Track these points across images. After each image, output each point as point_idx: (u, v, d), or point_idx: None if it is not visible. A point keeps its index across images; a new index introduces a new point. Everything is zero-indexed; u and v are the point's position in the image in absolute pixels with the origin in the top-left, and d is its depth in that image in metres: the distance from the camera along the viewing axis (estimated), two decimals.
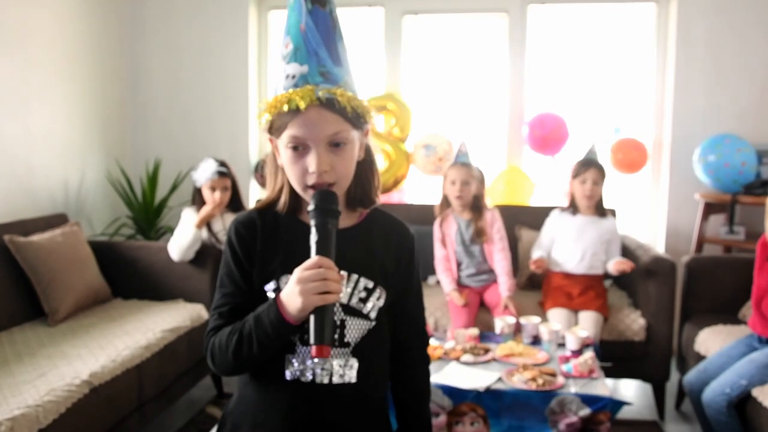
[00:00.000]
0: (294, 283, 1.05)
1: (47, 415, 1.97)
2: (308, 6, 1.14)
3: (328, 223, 1.09)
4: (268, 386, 1.20)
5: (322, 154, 1.11)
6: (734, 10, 3.75)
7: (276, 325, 1.08)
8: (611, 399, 2.09)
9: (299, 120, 1.10)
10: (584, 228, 3.19)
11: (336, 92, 1.11)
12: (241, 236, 1.20)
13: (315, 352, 1.04)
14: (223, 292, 1.21)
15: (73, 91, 3.72)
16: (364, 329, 1.20)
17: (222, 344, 1.14)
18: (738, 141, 3.46)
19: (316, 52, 1.12)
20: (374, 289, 1.20)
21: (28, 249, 2.84)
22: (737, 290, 3.03)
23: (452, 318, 3.08)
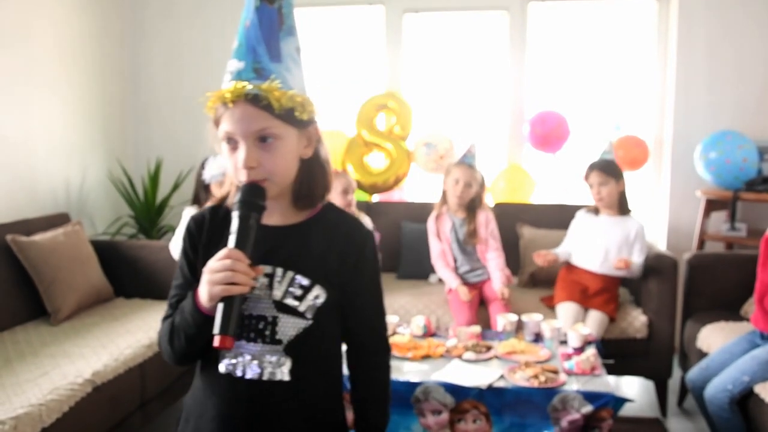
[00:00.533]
0: (203, 273, 1.08)
1: (50, 413, 1.97)
2: (256, 3, 1.16)
3: (249, 217, 1.10)
4: (208, 378, 1.22)
5: (249, 149, 1.12)
6: (735, 7, 3.74)
7: (193, 314, 1.12)
8: (613, 396, 2.09)
9: (228, 115, 1.12)
10: (608, 228, 3.15)
11: (264, 88, 1.11)
12: (191, 231, 1.25)
13: (217, 342, 1.04)
14: (174, 283, 1.26)
15: (74, 91, 3.73)
16: (299, 328, 1.18)
17: (164, 333, 1.21)
18: (739, 137, 3.45)
19: (255, 49, 1.13)
20: (311, 287, 1.18)
21: (31, 248, 2.85)
22: (739, 287, 3.02)
23: (454, 315, 3.08)
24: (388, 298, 3.25)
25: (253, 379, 1.17)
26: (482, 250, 3.26)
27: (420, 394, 2.15)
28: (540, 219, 3.67)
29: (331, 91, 4.34)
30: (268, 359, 1.17)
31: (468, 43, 4.21)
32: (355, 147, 3.97)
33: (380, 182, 3.92)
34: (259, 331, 1.17)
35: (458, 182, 3.22)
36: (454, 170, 3.25)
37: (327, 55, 4.31)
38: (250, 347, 1.17)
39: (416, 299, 3.24)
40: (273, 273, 1.17)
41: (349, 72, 4.31)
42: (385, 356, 1.33)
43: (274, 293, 1.17)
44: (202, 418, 1.21)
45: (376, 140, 3.93)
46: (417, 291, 3.36)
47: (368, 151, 3.98)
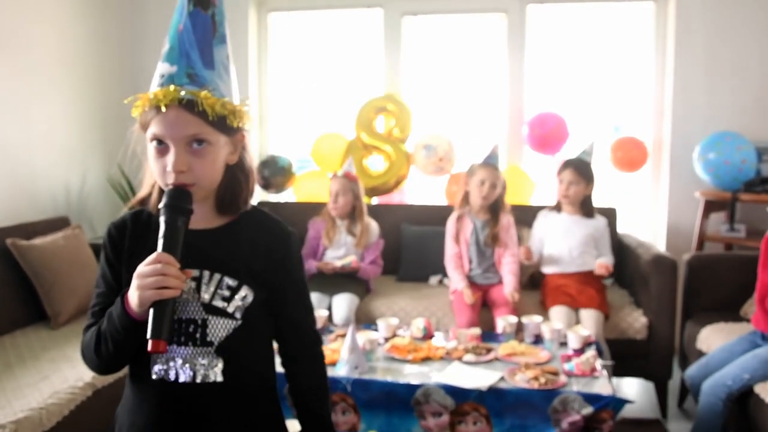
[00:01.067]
0: (134, 278, 1.08)
1: (51, 417, 1.98)
2: (189, 8, 1.17)
3: (177, 221, 1.11)
4: (140, 385, 1.21)
5: (180, 154, 1.12)
6: (732, 9, 3.75)
7: (122, 320, 1.11)
8: (614, 397, 2.09)
9: (160, 118, 1.12)
10: (570, 227, 3.23)
11: (199, 95, 1.12)
12: (112, 237, 1.24)
13: (151, 346, 1.04)
14: (96, 292, 1.24)
15: (73, 95, 3.73)
16: (230, 328, 1.20)
17: (87, 342, 1.19)
18: (738, 138, 3.46)
19: (188, 54, 1.14)
20: (239, 288, 1.20)
21: (31, 252, 2.85)
22: (739, 288, 3.03)
23: (456, 315, 3.08)
24: (387, 300, 3.27)
25: (186, 383, 1.18)
26: (500, 253, 3.26)
27: (420, 396, 2.16)
28: None
29: (331, 94, 4.34)
30: (200, 361, 1.18)
31: (467, 45, 4.22)
32: (355, 150, 3.97)
33: (380, 185, 3.92)
34: (190, 334, 1.18)
35: (484, 183, 3.21)
36: (480, 171, 3.23)
37: (326, 58, 4.31)
38: (181, 350, 1.18)
39: (416, 301, 3.24)
40: (200, 276, 1.18)
41: (348, 75, 4.31)
42: (319, 347, 1.36)
43: (202, 296, 1.18)
44: (134, 426, 1.21)
45: (376, 143, 3.94)
46: (417, 293, 3.37)
47: (367, 153, 3.99)
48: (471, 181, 3.26)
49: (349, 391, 2.20)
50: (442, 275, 3.51)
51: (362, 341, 2.38)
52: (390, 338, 2.61)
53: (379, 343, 2.54)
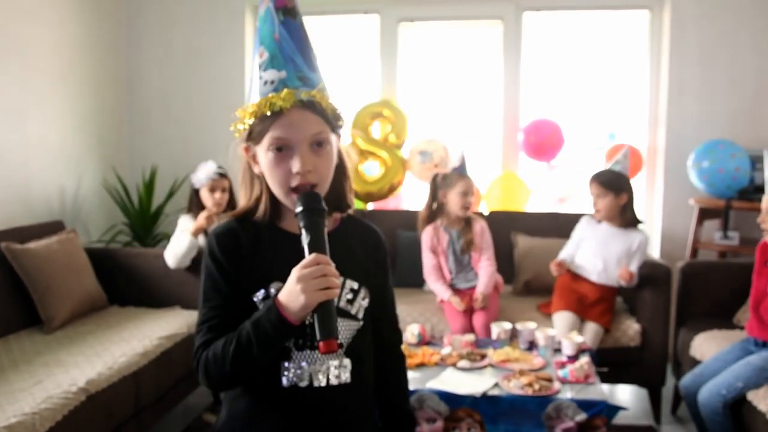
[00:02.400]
0: (294, 282, 1.06)
1: (44, 422, 1.96)
2: (280, 17, 1.18)
3: (318, 222, 1.11)
4: (263, 397, 1.20)
5: (305, 154, 1.14)
6: (726, 17, 3.78)
7: (277, 326, 1.08)
8: (607, 404, 2.10)
9: (282, 121, 1.13)
10: (608, 239, 3.14)
11: (316, 95, 1.15)
12: (225, 246, 1.19)
13: (323, 347, 1.04)
14: (209, 305, 1.19)
15: (69, 99, 3.73)
16: (354, 329, 1.23)
17: (218, 356, 1.12)
18: (731, 146, 3.48)
19: (292, 59, 1.16)
20: (359, 290, 1.23)
21: (25, 256, 2.84)
22: (732, 295, 3.04)
23: (449, 322, 3.08)
24: None
25: (318, 387, 1.18)
26: (476, 259, 3.26)
27: (414, 402, 2.16)
28: (535, 227, 3.68)
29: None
30: (331, 364, 1.19)
31: (463, 52, 4.24)
32: None
33: (375, 190, 3.92)
34: None
35: (466, 195, 3.21)
36: (460, 183, 3.21)
37: (322, 63, 4.30)
38: (314, 355, 1.18)
39: (411, 307, 3.24)
40: None
41: (344, 80, 4.32)
42: (405, 362, 1.44)
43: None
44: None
45: (371, 148, 3.94)
46: (412, 299, 3.37)
47: (363, 159, 3.99)
48: (450, 192, 3.23)
49: None
50: None
51: None
52: None
53: None
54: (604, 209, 3.15)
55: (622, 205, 3.15)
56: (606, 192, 3.13)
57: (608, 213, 3.15)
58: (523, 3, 4.09)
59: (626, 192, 3.15)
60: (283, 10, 1.18)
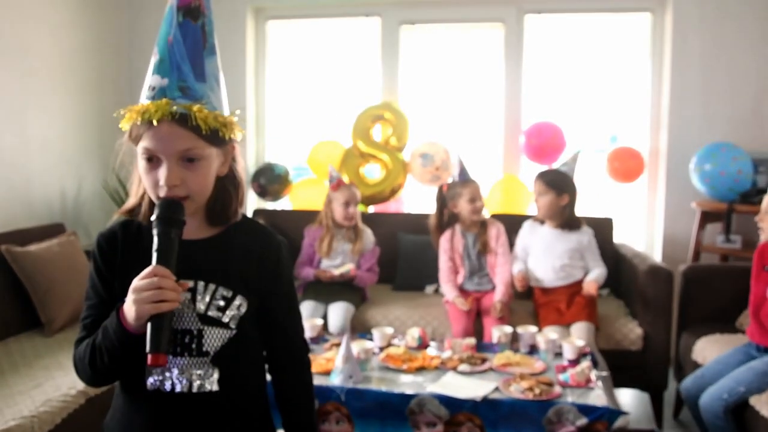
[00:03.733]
0: (130, 292, 1.07)
1: (42, 425, 1.96)
2: (179, 18, 1.14)
3: (171, 233, 1.10)
4: (133, 396, 1.21)
5: (172, 168, 1.12)
6: (729, 20, 3.77)
7: (119, 334, 1.10)
8: (608, 408, 2.09)
9: (151, 133, 1.11)
10: (551, 241, 3.21)
11: (192, 108, 1.11)
12: (102, 249, 1.23)
13: (150, 360, 1.04)
14: (87, 304, 1.23)
15: (70, 101, 3.73)
16: (224, 338, 1.20)
17: (81, 355, 1.18)
18: (734, 149, 3.47)
19: (179, 66, 1.13)
20: (233, 298, 1.21)
21: (25, 259, 2.84)
22: (734, 299, 3.02)
23: (452, 322, 3.09)
24: (383, 309, 3.26)
25: (182, 393, 1.18)
26: (492, 262, 3.26)
27: (415, 406, 2.15)
28: None
29: (328, 102, 4.35)
30: (195, 372, 1.18)
31: (464, 54, 4.23)
32: (351, 158, 3.97)
33: (376, 193, 3.92)
34: (185, 345, 1.18)
35: (474, 200, 3.23)
36: (466, 190, 3.23)
37: (324, 66, 4.32)
38: (177, 361, 1.18)
39: (412, 310, 3.23)
40: (195, 286, 1.19)
41: (345, 83, 4.32)
42: (307, 356, 1.37)
43: (197, 306, 1.18)
44: None
45: (372, 151, 3.94)
46: (413, 302, 3.36)
47: (364, 162, 3.99)
48: (459, 201, 3.26)
49: (344, 400, 2.19)
50: (438, 284, 3.51)
51: (357, 350, 2.37)
52: (385, 347, 2.61)
53: (374, 352, 2.53)
54: (543, 207, 3.22)
55: (563, 206, 3.19)
56: (547, 190, 3.19)
57: (547, 211, 3.21)
58: (524, 6, 4.09)
59: (568, 193, 3.21)
60: (185, 10, 1.14)
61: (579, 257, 3.20)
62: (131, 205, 1.24)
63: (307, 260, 3.42)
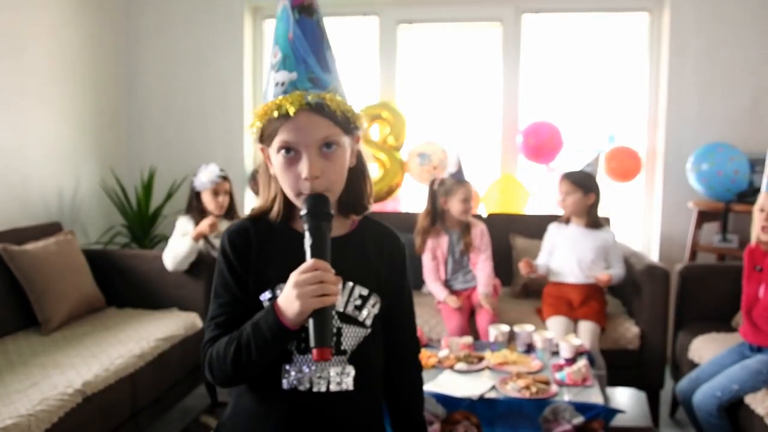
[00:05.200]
0: (291, 287, 1.05)
1: (39, 424, 1.96)
2: (295, 16, 1.15)
3: (322, 227, 1.09)
4: (265, 397, 1.19)
5: (313, 159, 1.11)
6: (726, 20, 3.78)
7: (275, 330, 1.07)
8: (605, 407, 2.09)
9: (289, 125, 1.11)
10: (578, 239, 3.19)
11: (325, 97, 1.12)
12: (236, 246, 1.19)
13: (316, 355, 1.03)
14: (219, 302, 1.19)
15: (68, 99, 3.73)
16: (360, 336, 1.20)
17: (220, 354, 1.13)
18: (731, 149, 3.48)
19: (305, 60, 1.14)
20: (369, 297, 1.21)
21: (22, 257, 2.84)
22: (730, 298, 3.02)
23: (446, 322, 3.09)
24: None
25: (319, 392, 1.17)
26: (475, 261, 3.27)
27: None
28: (533, 230, 3.67)
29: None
30: (333, 370, 1.17)
31: (462, 54, 4.24)
32: None
33: (374, 192, 3.91)
34: None
35: (467, 201, 3.22)
36: (461, 190, 3.22)
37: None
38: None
39: None
40: None
41: (343, 82, 4.31)
42: (421, 371, 1.40)
43: (337, 305, 1.16)
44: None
45: (370, 150, 3.94)
46: None
47: None
48: (451, 199, 3.24)
49: None
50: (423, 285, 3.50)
51: None
52: None
53: None
54: (570, 206, 3.21)
55: (589, 205, 3.20)
56: (575, 189, 3.19)
57: (575, 210, 3.20)
58: (522, 5, 4.09)
59: (594, 193, 3.21)
60: (299, 8, 1.16)
61: (603, 257, 3.18)
62: (262, 207, 1.23)
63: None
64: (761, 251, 2.55)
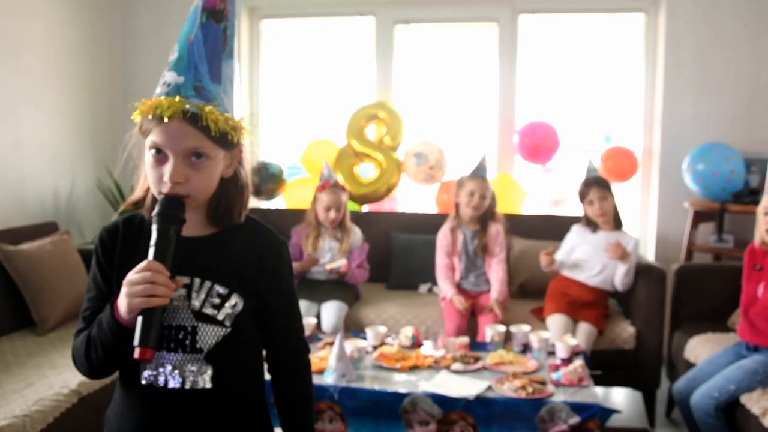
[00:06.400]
0: (123, 285, 1.08)
1: (34, 424, 1.96)
2: (202, 19, 1.16)
3: (170, 230, 1.11)
4: (130, 390, 1.22)
5: (178, 165, 1.12)
6: (722, 20, 3.79)
7: (111, 326, 1.11)
8: (600, 407, 2.10)
9: (161, 128, 1.12)
10: (601, 242, 3.13)
11: (204, 109, 1.12)
12: (104, 242, 1.24)
13: (138, 354, 1.05)
14: (88, 296, 1.24)
15: (63, 99, 3.72)
16: (219, 335, 1.20)
17: (78, 347, 1.19)
18: (726, 149, 3.48)
19: (197, 66, 1.14)
20: (229, 296, 1.21)
21: (18, 257, 2.83)
22: (726, 298, 3.04)
23: (445, 321, 3.08)
24: (376, 308, 3.26)
25: (175, 389, 1.18)
26: (489, 262, 3.27)
27: (408, 404, 2.15)
28: (530, 230, 3.68)
29: (322, 101, 4.35)
30: (189, 368, 1.19)
31: (458, 54, 4.24)
32: (346, 157, 3.97)
33: (370, 192, 3.92)
34: (179, 341, 1.18)
35: (473, 194, 3.22)
36: (469, 183, 3.24)
37: (318, 65, 4.32)
38: (171, 357, 1.18)
39: (405, 309, 3.23)
40: (191, 283, 1.19)
41: (339, 82, 4.32)
42: (306, 356, 1.37)
43: (192, 303, 1.19)
44: (123, 430, 1.22)
45: (367, 150, 3.94)
46: (406, 301, 3.36)
47: (358, 161, 3.99)
48: (460, 192, 3.27)
49: (337, 399, 2.20)
50: (432, 283, 3.52)
51: (350, 349, 2.37)
52: (378, 346, 2.61)
53: (368, 351, 2.54)
54: (610, 210, 3.18)
55: (615, 206, 3.21)
56: (607, 193, 3.18)
57: (610, 214, 3.18)
58: (518, 6, 4.10)
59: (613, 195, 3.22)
60: (209, 11, 1.16)
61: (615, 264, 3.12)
62: (136, 197, 1.26)
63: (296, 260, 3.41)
64: (762, 251, 2.55)
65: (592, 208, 3.19)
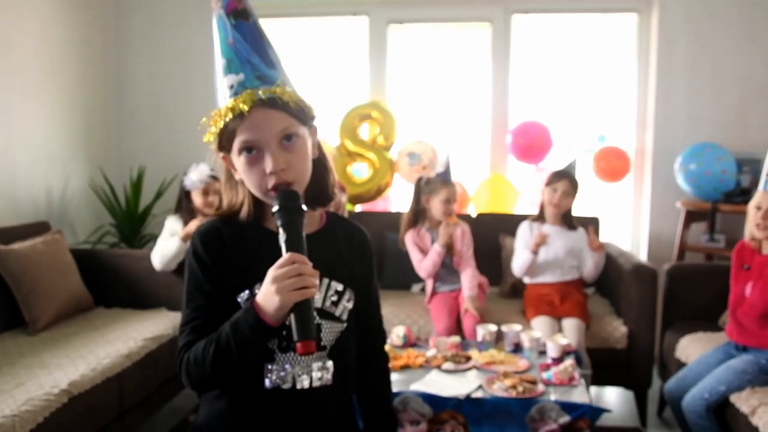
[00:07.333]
0: (269, 283, 1.04)
1: (24, 424, 1.94)
2: (232, 21, 1.17)
3: (295, 221, 1.10)
4: (244, 398, 1.18)
5: (275, 153, 1.12)
6: (714, 21, 3.80)
7: (255, 328, 1.06)
8: (591, 406, 2.10)
9: (246, 124, 1.12)
10: (552, 238, 3.22)
11: (276, 90, 1.13)
12: (209, 246, 1.18)
13: (300, 348, 1.03)
14: (192, 306, 1.17)
15: (56, 99, 3.71)
16: (337, 331, 1.22)
17: (198, 357, 1.11)
18: (718, 149, 3.49)
19: (249, 60, 1.15)
20: (344, 292, 1.23)
21: (9, 257, 2.82)
22: (718, 297, 3.04)
23: (434, 322, 3.08)
24: None
25: (302, 389, 1.17)
26: (458, 262, 3.26)
27: (398, 404, 2.15)
28: None
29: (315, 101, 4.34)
30: (314, 366, 1.18)
31: (451, 54, 4.24)
32: (339, 157, 3.97)
33: (363, 192, 3.92)
34: None
35: (449, 202, 3.20)
36: (444, 190, 3.20)
37: (311, 65, 4.32)
38: (296, 357, 1.17)
39: (398, 309, 3.24)
40: None
41: (332, 82, 4.32)
42: (389, 362, 1.45)
43: (316, 300, 1.17)
44: None
45: (360, 150, 3.94)
46: (399, 301, 3.36)
47: (351, 161, 3.99)
48: (433, 198, 3.22)
49: None
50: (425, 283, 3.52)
51: None
52: None
53: None
54: (566, 207, 3.26)
55: (571, 208, 3.29)
56: (573, 192, 3.25)
57: (562, 211, 3.26)
58: (511, 6, 4.10)
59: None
60: (234, 13, 1.17)
61: (575, 257, 3.25)
62: (230, 208, 1.22)
63: None
64: (749, 250, 2.57)
65: (553, 195, 3.24)
